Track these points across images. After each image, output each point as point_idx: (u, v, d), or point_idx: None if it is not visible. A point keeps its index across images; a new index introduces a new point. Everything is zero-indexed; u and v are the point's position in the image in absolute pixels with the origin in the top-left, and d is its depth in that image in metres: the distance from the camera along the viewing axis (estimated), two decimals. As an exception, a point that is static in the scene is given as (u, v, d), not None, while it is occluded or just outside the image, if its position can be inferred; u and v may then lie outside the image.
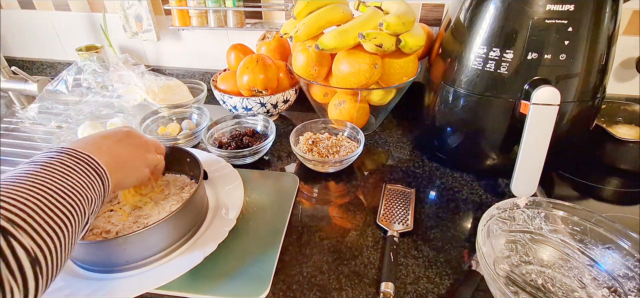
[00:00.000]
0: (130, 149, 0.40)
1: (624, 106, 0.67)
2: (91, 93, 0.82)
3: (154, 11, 0.86)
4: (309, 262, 0.45)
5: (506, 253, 0.43)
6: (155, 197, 0.47)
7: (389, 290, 0.40)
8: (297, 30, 0.61)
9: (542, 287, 0.40)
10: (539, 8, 0.44)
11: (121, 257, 0.39)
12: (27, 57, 1.01)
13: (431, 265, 0.44)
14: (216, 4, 0.78)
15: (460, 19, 0.52)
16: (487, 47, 0.48)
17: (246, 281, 0.41)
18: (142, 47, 0.96)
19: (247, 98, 0.70)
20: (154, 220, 0.42)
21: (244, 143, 0.64)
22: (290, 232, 0.49)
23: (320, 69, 0.64)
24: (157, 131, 0.70)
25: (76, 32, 0.95)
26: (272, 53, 0.77)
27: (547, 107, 0.45)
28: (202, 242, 0.43)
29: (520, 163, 0.48)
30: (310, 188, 0.58)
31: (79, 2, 0.90)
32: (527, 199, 0.44)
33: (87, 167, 0.33)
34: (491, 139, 0.54)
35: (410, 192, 0.56)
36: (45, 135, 0.74)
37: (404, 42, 0.58)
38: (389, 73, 0.63)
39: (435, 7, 0.76)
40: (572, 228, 0.43)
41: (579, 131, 0.53)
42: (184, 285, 0.40)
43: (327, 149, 0.61)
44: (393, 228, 0.48)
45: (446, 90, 0.55)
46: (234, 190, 0.51)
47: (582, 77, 0.47)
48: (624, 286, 0.38)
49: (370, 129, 0.74)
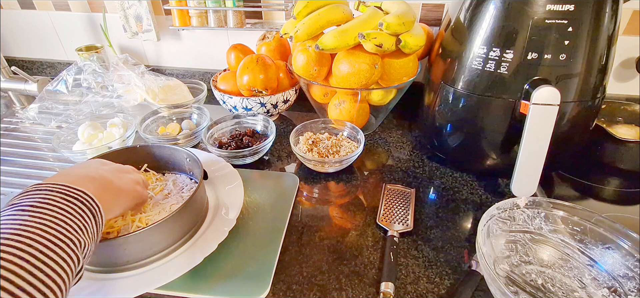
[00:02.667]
0: (113, 172, 0.39)
1: (624, 106, 0.67)
2: (91, 93, 0.82)
3: (154, 11, 0.86)
4: (309, 262, 0.45)
5: (506, 253, 0.43)
6: (155, 197, 0.47)
7: (389, 290, 0.40)
8: (297, 30, 0.61)
9: (542, 287, 0.40)
10: (539, 8, 0.44)
11: (121, 257, 0.39)
12: (27, 57, 1.01)
13: (431, 265, 0.44)
14: (216, 4, 0.78)
15: (460, 19, 0.52)
16: (487, 47, 0.48)
17: (246, 281, 0.41)
18: (142, 47, 0.96)
19: (247, 98, 0.70)
20: (154, 220, 0.42)
21: (244, 143, 0.64)
22: (290, 232, 0.49)
23: (320, 69, 0.64)
24: (157, 131, 0.71)
25: (76, 32, 0.95)
26: (272, 53, 0.77)
27: (547, 107, 0.45)
28: (202, 242, 0.43)
29: (520, 163, 0.48)
30: (310, 188, 0.58)
31: (79, 2, 0.90)
32: (527, 199, 0.44)
33: (78, 205, 0.31)
34: (491, 138, 0.54)
35: (410, 192, 0.56)
36: (45, 135, 0.74)
37: (404, 42, 0.58)
38: (389, 73, 0.63)
39: (435, 7, 0.76)
40: (572, 228, 0.43)
41: (579, 131, 0.53)
42: (184, 285, 0.40)
43: (327, 149, 0.61)
44: (393, 228, 0.48)
45: (446, 90, 0.55)
46: (234, 190, 0.51)
47: (582, 77, 0.47)
48: (624, 286, 0.38)
49: (370, 129, 0.74)
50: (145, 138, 0.65)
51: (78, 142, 0.65)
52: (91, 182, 0.34)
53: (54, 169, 0.65)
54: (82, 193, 0.32)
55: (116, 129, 0.67)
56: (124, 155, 0.50)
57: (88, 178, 0.35)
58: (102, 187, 0.35)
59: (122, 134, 0.66)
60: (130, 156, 0.52)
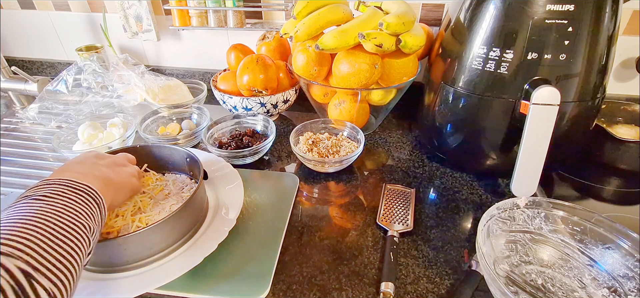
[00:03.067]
0: (111, 168, 0.41)
1: (624, 106, 0.67)
2: (91, 93, 0.82)
3: (154, 11, 0.86)
4: (309, 262, 0.45)
5: (506, 253, 0.43)
6: (156, 197, 0.47)
7: (389, 290, 0.40)
8: (297, 30, 0.61)
9: (542, 287, 0.40)
10: (539, 8, 0.44)
11: (121, 257, 0.39)
12: (27, 57, 1.01)
13: (431, 265, 0.44)
14: (216, 4, 0.78)
15: (460, 19, 0.52)
16: (487, 47, 0.48)
17: (246, 281, 0.41)
18: (142, 47, 0.96)
19: (247, 98, 0.70)
20: (154, 220, 0.42)
21: (244, 143, 0.64)
22: (290, 232, 0.49)
23: (320, 69, 0.64)
24: (157, 131, 0.71)
25: (76, 32, 0.95)
26: (272, 53, 0.77)
27: (547, 107, 0.45)
28: (202, 242, 0.43)
29: (520, 163, 0.48)
30: (310, 188, 0.58)
31: (79, 2, 0.90)
32: (527, 199, 0.44)
33: (85, 196, 0.33)
34: (491, 138, 0.54)
35: (410, 192, 0.56)
36: (45, 135, 0.74)
37: (404, 42, 0.58)
38: (389, 73, 0.63)
39: (435, 7, 0.76)
40: (572, 228, 0.43)
41: (579, 131, 0.53)
42: (184, 285, 0.40)
43: (327, 149, 0.61)
44: (393, 228, 0.48)
45: (446, 90, 0.55)
46: (234, 190, 0.51)
47: (582, 77, 0.47)
48: (624, 286, 0.38)
49: (370, 129, 0.74)
50: (145, 138, 0.65)
51: (78, 142, 0.65)
52: (95, 179, 0.36)
53: (54, 169, 0.65)
54: (87, 187, 0.35)
55: (116, 128, 0.67)
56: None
57: (91, 175, 0.37)
58: (103, 184, 0.37)
59: (122, 134, 0.66)
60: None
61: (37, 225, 0.27)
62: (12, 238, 0.25)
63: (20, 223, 0.27)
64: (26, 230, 0.26)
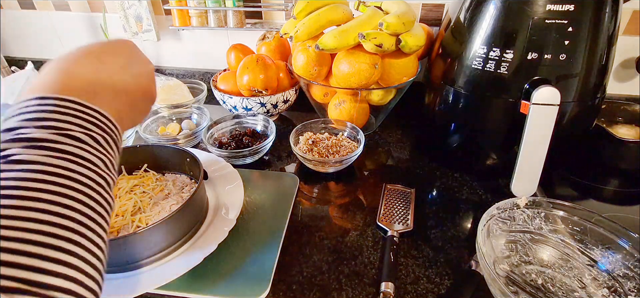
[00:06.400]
0: (126, 69, 0.28)
1: (624, 106, 0.67)
2: (91, 93, 0.82)
3: (154, 11, 0.86)
4: (309, 262, 0.45)
5: (506, 253, 0.43)
6: (155, 197, 0.47)
7: (389, 290, 0.40)
8: (297, 30, 0.61)
9: (542, 287, 0.40)
10: (539, 8, 0.44)
11: (121, 257, 0.39)
12: (27, 57, 1.01)
13: (431, 265, 0.44)
14: (216, 4, 0.78)
15: (460, 19, 0.52)
16: (487, 47, 0.48)
17: (246, 281, 0.41)
18: (142, 47, 0.95)
19: (247, 98, 0.70)
20: (153, 220, 0.42)
21: (244, 143, 0.64)
22: (290, 232, 0.49)
23: (320, 69, 0.64)
24: (157, 131, 0.71)
25: (76, 32, 0.95)
26: (272, 53, 0.77)
27: (547, 107, 0.45)
28: (202, 242, 0.43)
29: (520, 163, 0.48)
30: (310, 188, 0.58)
31: (79, 2, 0.90)
32: (527, 199, 0.44)
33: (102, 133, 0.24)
34: (491, 139, 0.54)
35: (410, 192, 0.56)
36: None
37: (404, 42, 0.58)
38: (389, 73, 0.63)
39: (435, 7, 0.76)
40: (572, 228, 0.43)
41: (579, 131, 0.53)
42: (184, 285, 0.40)
43: (327, 149, 0.61)
44: (393, 228, 0.48)
45: (446, 90, 0.55)
46: (234, 190, 0.51)
47: (582, 77, 0.47)
48: (624, 286, 0.38)
49: (370, 129, 0.74)
50: (145, 138, 0.65)
51: (78, 142, 0.65)
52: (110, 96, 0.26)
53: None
54: (104, 118, 0.24)
55: (116, 129, 0.67)
56: (123, 155, 0.50)
57: (101, 87, 0.25)
58: (119, 100, 0.27)
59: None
60: (130, 156, 0.52)
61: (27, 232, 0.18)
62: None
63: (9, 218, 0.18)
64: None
